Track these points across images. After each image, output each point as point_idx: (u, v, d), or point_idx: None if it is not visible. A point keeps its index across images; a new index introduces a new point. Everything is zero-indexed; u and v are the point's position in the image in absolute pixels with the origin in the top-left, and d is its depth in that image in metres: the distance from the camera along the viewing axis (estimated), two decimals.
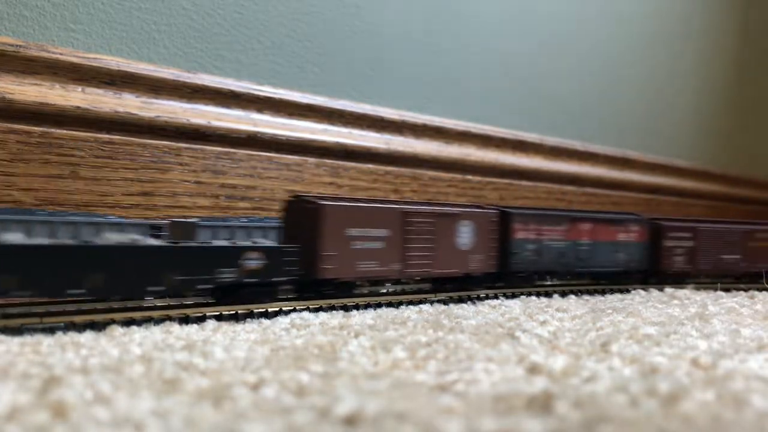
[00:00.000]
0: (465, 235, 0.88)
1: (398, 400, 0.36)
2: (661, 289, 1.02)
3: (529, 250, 0.96)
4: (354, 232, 0.77)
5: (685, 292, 0.98)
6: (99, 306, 0.64)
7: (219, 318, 0.65)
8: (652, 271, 1.12)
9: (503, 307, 0.79)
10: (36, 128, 0.74)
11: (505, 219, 0.95)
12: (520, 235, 0.96)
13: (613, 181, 1.47)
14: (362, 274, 0.78)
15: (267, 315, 0.68)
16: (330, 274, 0.75)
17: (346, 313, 0.71)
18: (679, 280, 1.13)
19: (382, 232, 0.80)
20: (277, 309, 0.69)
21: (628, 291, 1.02)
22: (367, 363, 0.47)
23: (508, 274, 0.95)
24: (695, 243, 1.15)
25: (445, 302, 0.82)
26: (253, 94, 0.92)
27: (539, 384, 0.41)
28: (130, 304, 0.67)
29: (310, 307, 0.72)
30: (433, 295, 0.84)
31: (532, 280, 0.98)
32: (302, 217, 0.76)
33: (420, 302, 0.80)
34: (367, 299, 0.78)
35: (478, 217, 0.91)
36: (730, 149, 1.85)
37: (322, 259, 0.74)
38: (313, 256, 0.74)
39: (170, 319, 0.63)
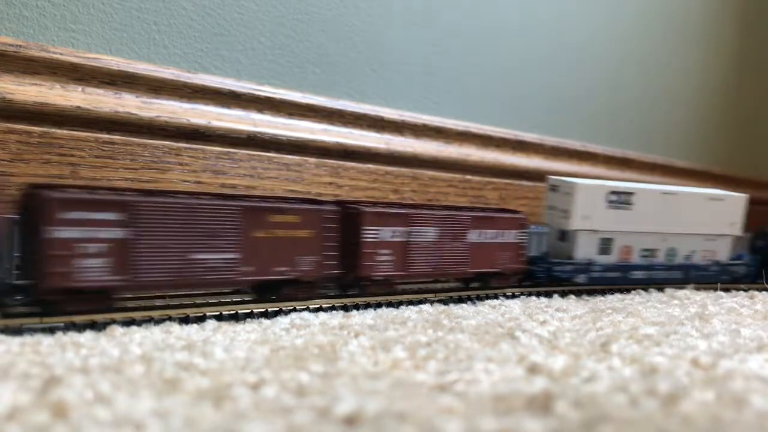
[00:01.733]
0: None
1: (398, 400, 0.36)
2: (661, 289, 1.02)
3: None
4: None
5: (685, 293, 0.98)
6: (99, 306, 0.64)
7: (219, 318, 0.65)
8: (36, 291, 0.56)
9: (503, 307, 0.79)
10: (36, 128, 0.74)
11: None
12: None
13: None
14: None
15: (267, 315, 0.68)
16: None
17: (346, 313, 0.71)
18: (96, 309, 0.58)
19: None
20: (277, 309, 0.70)
21: (628, 291, 1.02)
22: (367, 363, 0.47)
23: None
24: (129, 232, 0.58)
25: (445, 302, 0.82)
26: (253, 95, 0.92)
27: (539, 384, 0.41)
28: (129, 304, 0.67)
29: (310, 307, 0.72)
30: (433, 295, 0.84)
31: None
32: None
33: (420, 302, 0.80)
34: (367, 299, 0.78)
35: None
36: (730, 149, 1.85)
37: None
38: None
39: (170, 319, 0.63)
